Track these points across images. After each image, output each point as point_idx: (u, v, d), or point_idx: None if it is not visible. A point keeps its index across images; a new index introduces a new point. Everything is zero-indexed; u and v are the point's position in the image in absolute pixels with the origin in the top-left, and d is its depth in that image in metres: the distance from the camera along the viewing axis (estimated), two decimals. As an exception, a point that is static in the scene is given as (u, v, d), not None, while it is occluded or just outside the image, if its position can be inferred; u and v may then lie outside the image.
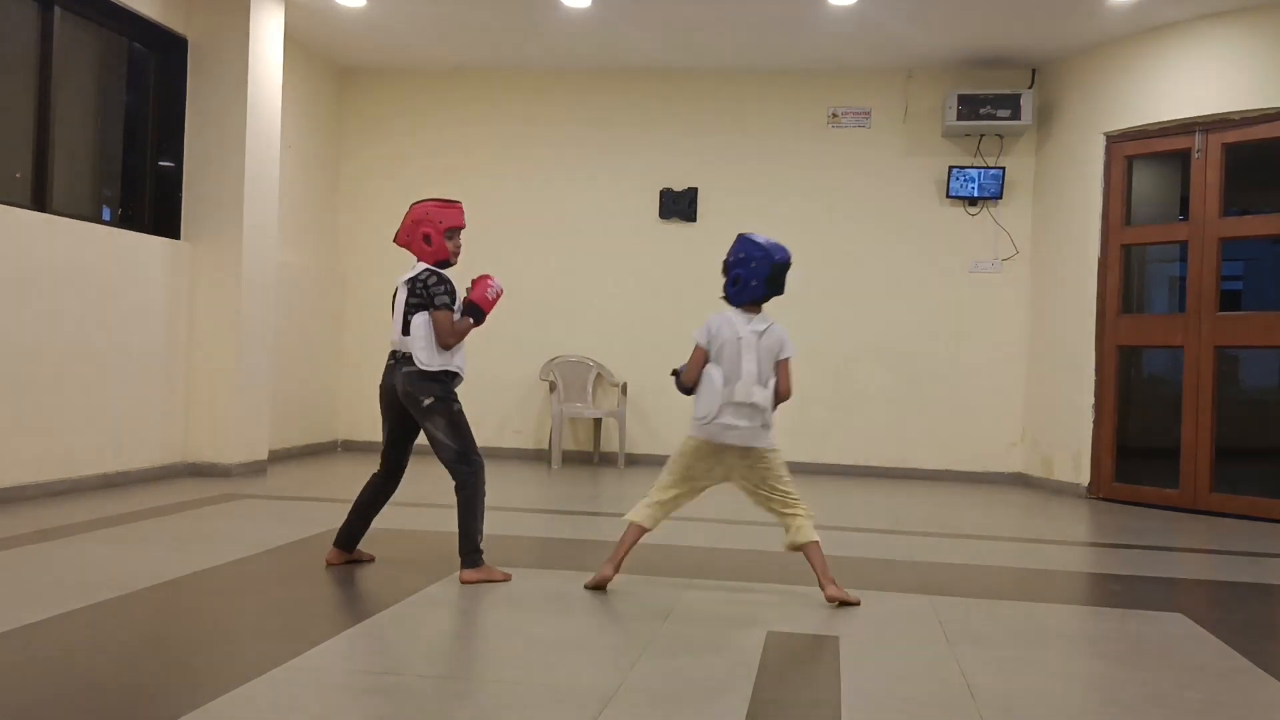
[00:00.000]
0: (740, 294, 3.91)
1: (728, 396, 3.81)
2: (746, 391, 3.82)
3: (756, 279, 3.87)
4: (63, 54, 5.97)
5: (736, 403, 3.82)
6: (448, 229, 4.12)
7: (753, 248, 3.90)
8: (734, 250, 3.95)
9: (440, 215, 4.11)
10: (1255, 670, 3.20)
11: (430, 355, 4.03)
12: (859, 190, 8.39)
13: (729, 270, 3.94)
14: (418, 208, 4.14)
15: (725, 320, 3.90)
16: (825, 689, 2.87)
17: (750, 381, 3.83)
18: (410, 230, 4.12)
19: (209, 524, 5.19)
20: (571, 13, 7.25)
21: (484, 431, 9.07)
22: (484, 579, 3.97)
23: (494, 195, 8.75)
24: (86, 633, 3.19)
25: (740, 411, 3.83)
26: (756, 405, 3.83)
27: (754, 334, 3.87)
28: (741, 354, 3.84)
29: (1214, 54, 6.82)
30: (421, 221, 4.10)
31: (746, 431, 3.85)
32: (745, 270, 3.88)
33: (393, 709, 2.59)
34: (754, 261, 3.87)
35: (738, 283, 3.90)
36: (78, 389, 5.88)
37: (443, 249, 4.12)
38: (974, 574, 4.66)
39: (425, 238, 4.09)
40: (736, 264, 3.91)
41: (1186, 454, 6.87)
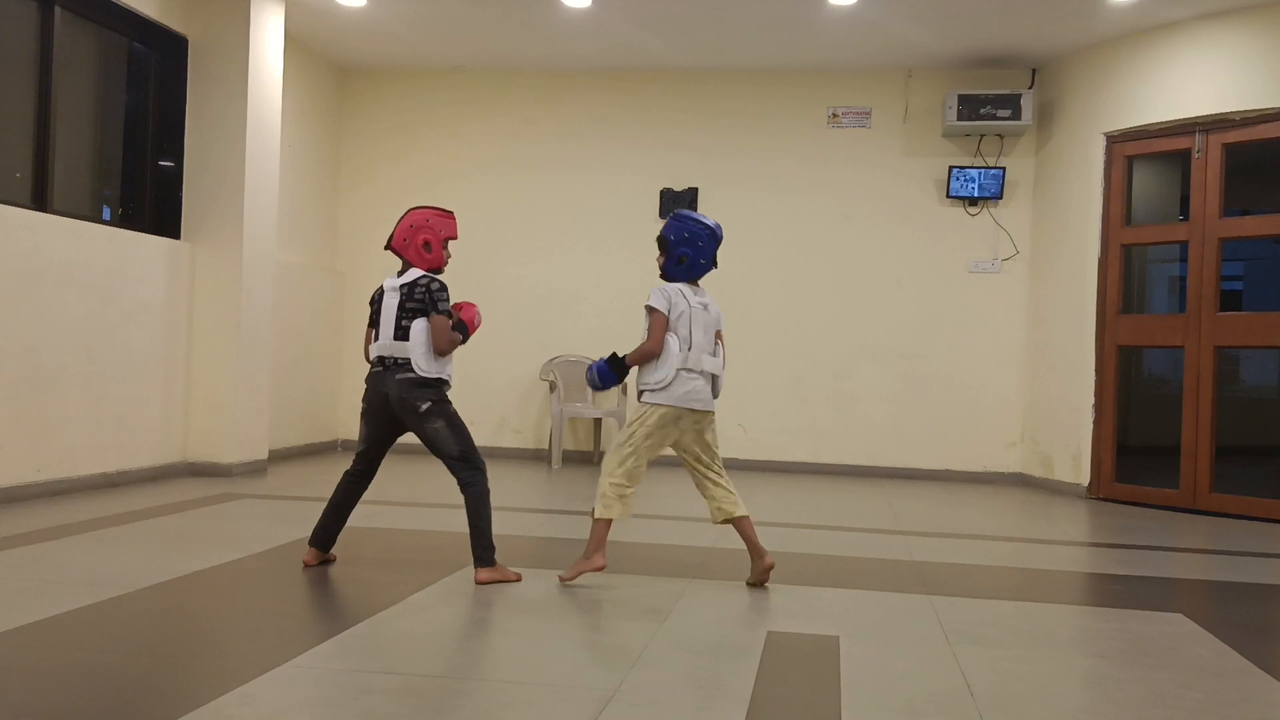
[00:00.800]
0: (688, 271, 4.07)
1: (682, 362, 3.97)
2: (698, 359, 4.00)
3: (705, 257, 4.06)
4: (63, 53, 5.97)
5: (688, 369, 3.98)
6: (446, 238, 4.16)
7: (698, 227, 4.05)
8: (674, 229, 4.07)
9: (440, 224, 4.16)
10: (1255, 670, 3.21)
11: (429, 362, 4.03)
12: (859, 190, 8.39)
13: (672, 249, 4.06)
14: (416, 214, 4.15)
15: (678, 291, 4.03)
16: (825, 689, 2.87)
17: (700, 350, 4.02)
18: (408, 235, 4.11)
19: (209, 524, 5.19)
20: (571, 13, 7.25)
21: (484, 431, 9.12)
22: (498, 579, 3.98)
23: (494, 195, 8.75)
24: (86, 633, 3.19)
25: (697, 377, 4.00)
26: (706, 372, 4.02)
27: (700, 306, 4.05)
28: (693, 324, 4.01)
29: (1214, 54, 6.82)
30: (421, 228, 4.11)
31: (704, 398, 4.02)
32: (693, 249, 4.04)
33: (393, 709, 2.59)
34: (700, 240, 4.04)
35: (683, 261, 4.05)
36: (78, 389, 5.88)
37: (439, 257, 4.15)
38: (974, 574, 4.66)
39: (425, 244, 4.11)
40: (681, 242, 4.04)
41: (1186, 454, 6.87)
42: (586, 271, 8.65)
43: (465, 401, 9.01)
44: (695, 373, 3.99)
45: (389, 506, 5.77)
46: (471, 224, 8.90)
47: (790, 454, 8.40)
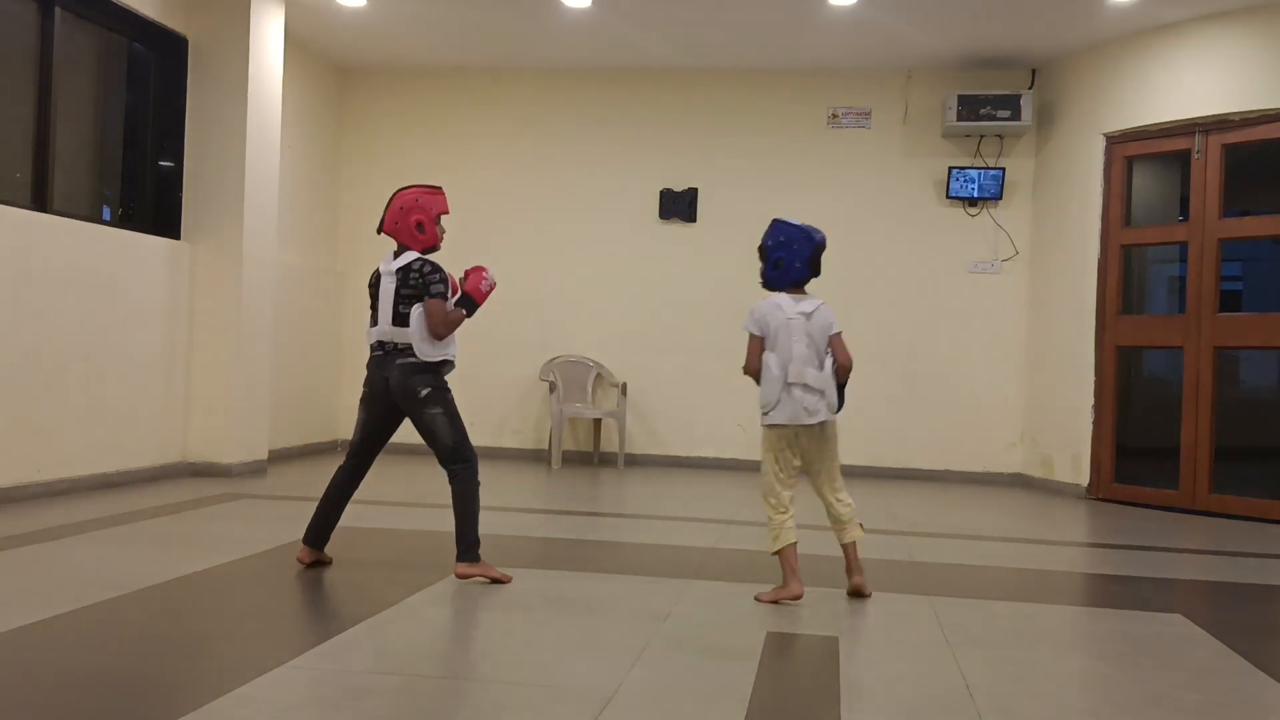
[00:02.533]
0: (783, 277, 3.95)
1: (786, 379, 3.85)
2: (799, 372, 3.85)
3: (800, 260, 3.92)
4: (63, 54, 5.97)
5: (791, 383, 3.85)
6: (438, 215, 4.08)
7: (793, 230, 3.94)
8: (772, 234, 3.97)
9: (430, 202, 4.07)
10: (1255, 671, 3.21)
11: (430, 346, 3.98)
12: (859, 190, 8.39)
13: (769, 254, 3.96)
14: (404, 195, 4.07)
15: (773, 305, 3.91)
16: (825, 689, 2.87)
17: (801, 363, 3.86)
18: (399, 218, 4.04)
19: (209, 524, 5.19)
20: (571, 13, 7.25)
21: (483, 431, 9.11)
22: (480, 574, 3.95)
23: (494, 195, 8.75)
24: (86, 633, 3.19)
25: (804, 390, 3.87)
26: (810, 386, 3.87)
27: (802, 315, 3.90)
28: (791, 336, 3.87)
29: (1214, 54, 6.82)
30: (411, 209, 4.03)
31: (813, 409, 3.87)
32: (787, 253, 3.92)
33: (393, 709, 2.59)
34: (795, 244, 3.92)
35: (779, 266, 3.94)
36: (78, 389, 5.88)
37: (434, 236, 4.08)
38: (974, 574, 4.66)
39: (418, 225, 4.03)
40: (777, 248, 3.94)
41: (1186, 455, 6.87)
42: (587, 272, 8.65)
43: (465, 401, 8.99)
44: (796, 385, 3.85)
45: (387, 507, 5.77)
46: (471, 224, 8.90)
47: (790, 454, 8.38)
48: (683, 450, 8.57)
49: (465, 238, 8.85)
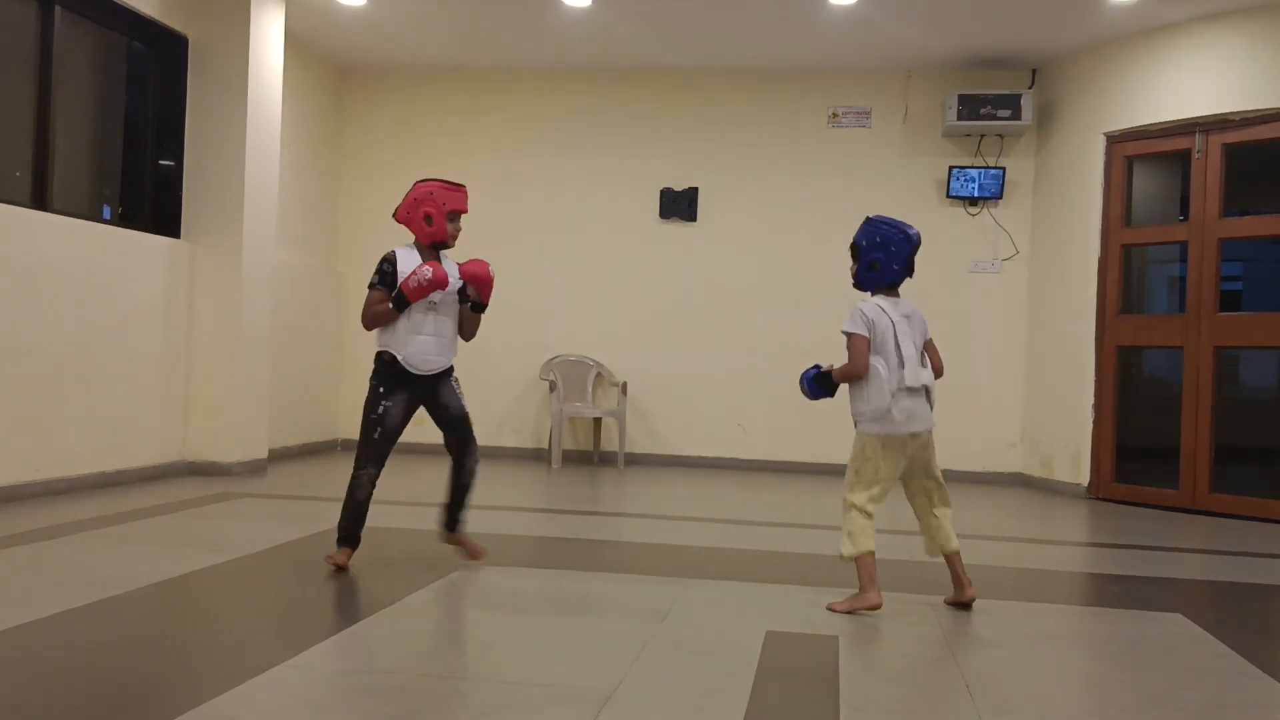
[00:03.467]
0: (880, 278, 3.81)
1: (898, 383, 3.74)
2: (915, 375, 3.77)
3: (898, 262, 3.79)
4: (63, 53, 5.97)
5: (907, 388, 3.75)
6: (450, 211, 4.05)
7: (890, 231, 3.80)
8: (866, 234, 3.83)
9: (444, 196, 4.04)
10: (1255, 671, 3.20)
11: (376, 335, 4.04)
12: (859, 190, 8.38)
13: (864, 255, 3.82)
14: (421, 186, 4.07)
15: (877, 307, 3.79)
16: (825, 689, 2.87)
17: (915, 364, 3.77)
18: (411, 208, 4.05)
19: (208, 523, 5.19)
20: (571, 13, 7.25)
21: (484, 431, 9.03)
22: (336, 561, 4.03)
23: (494, 195, 8.74)
24: (86, 632, 3.18)
25: (915, 395, 3.78)
26: (927, 387, 3.81)
27: (904, 317, 3.80)
28: (900, 338, 3.76)
29: (1214, 54, 6.82)
30: (424, 200, 4.03)
31: (923, 415, 3.81)
32: (885, 254, 3.78)
33: (392, 709, 2.59)
34: (894, 245, 3.78)
35: (875, 267, 3.80)
36: (77, 388, 5.88)
37: (442, 230, 4.06)
38: (974, 574, 4.63)
39: (426, 217, 4.03)
40: (873, 248, 3.80)
41: (1186, 454, 6.87)
42: (587, 271, 8.65)
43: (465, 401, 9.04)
44: (913, 390, 3.77)
45: (387, 506, 5.76)
46: (471, 223, 8.88)
47: (790, 454, 8.39)
48: (683, 450, 8.57)
49: (465, 237, 8.84)
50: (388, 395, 4.02)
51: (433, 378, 4.08)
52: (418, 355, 4.02)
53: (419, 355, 4.02)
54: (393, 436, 4.08)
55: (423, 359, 4.03)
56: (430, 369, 4.06)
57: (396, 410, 4.03)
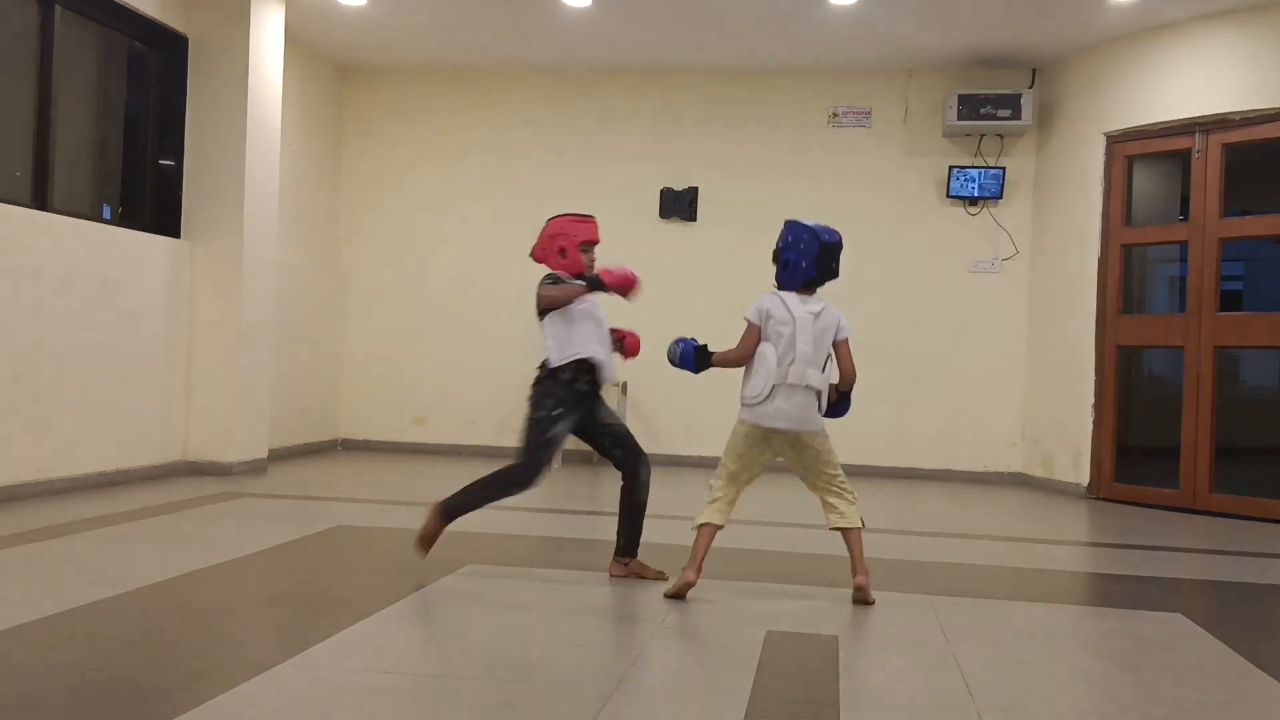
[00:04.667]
0: (791, 277, 3.87)
1: (781, 378, 3.75)
2: (800, 374, 3.76)
3: (806, 260, 3.82)
4: (63, 52, 5.96)
5: (790, 385, 3.76)
6: (582, 243, 4.17)
7: (800, 230, 3.88)
8: (782, 236, 3.94)
9: (575, 230, 4.18)
10: (1255, 670, 3.20)
11: (547, 349, 4.13)
12: (859, 190, 8.38)
13: (779, 256, 3.93)
14: (554, 223, 4.22)
15: (778, 300, 3.85)
16: (825, 689, 2.87)
17: (805, 363, 3.77)
18: (546, 244, 4.19)
19: (209, 523, 5.19)
20: (571, 13, 7.25)
21: (484, 431, 9.12)
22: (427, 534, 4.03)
23: (494, 194, 8.75)
24: (86, 631, 3.19)
25: (792, 394, 3.76)
26: (810, 387, 3.78)
27: (809, 314, 3.82)
28: (797, 335, 3.78)
29: (1214, 54, 6.82)
30: (557, 236, 4.17)
31: (796, 417, 3.78)
32: (795, 253, 3.85)
33: (393, 709, 2.59)
34: (802, 244, 3.84)
35: (787, 266, 3.88)
36: (78, 388, 5.88)
37: (577, 262, 4.17)
38: (974, 574, 4.66)
39: (561, 251, 4.16)
40: (786, 248, 3.90)
41: (1186, 454, 6.87)
42: (586, 271, 8.64)
43: (465, 401, 9.06)
44: (799, 387, 3.75)
45: (389, 506, 5.78)
46: (471, 223, 8.91)
47: (790, 454, 8.38)
48: (683, 450, 8.56)
49: (464, 236, 8.86)
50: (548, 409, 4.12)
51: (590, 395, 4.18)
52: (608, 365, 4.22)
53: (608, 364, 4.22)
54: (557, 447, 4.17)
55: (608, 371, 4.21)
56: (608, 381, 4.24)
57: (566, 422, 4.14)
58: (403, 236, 8.87)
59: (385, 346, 8.84)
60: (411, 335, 8.79)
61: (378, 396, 8.79)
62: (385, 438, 8.72)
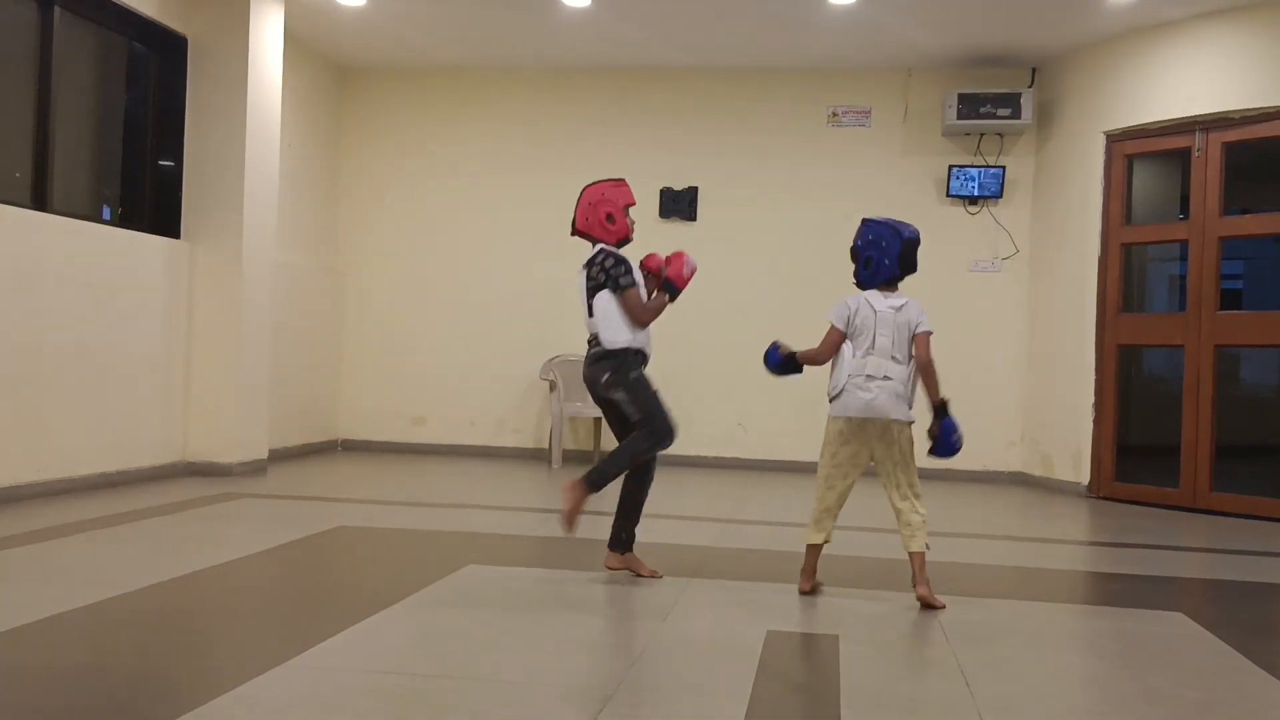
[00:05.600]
0: (874, 275, 3.96)
1: (858, 369, 3.88)
2: (879, 365, 3.88)
3: (889, 258, 3.93)
4: (63, 53, 5.97)
5: (868, 375, 3.88)
6: (625, 205, 4.14)
7: (881, 228, 3.97)
8: (861, 234, 4.00)
9: (616, 194, 4.14)
10: (1255, 670, 3.20)
11: (614, 333, 4.07)
12: (859, 189, 8.38)
13: (859, 254, 3.98)
14: (592, 190, 4.17)
15: (863, 300, 3.95)
16: (825, 688, 2.87)
17: (883, 354, 3.88)
18: (589, 212, 4.13)
19: (209, 524, 5.20)
20: (571, 12, 7.25)
21: (484, 431, 9.13)
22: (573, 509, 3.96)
23: (494, 194, 8.75)
24: (86, 632, 3.19)
25: (870, 383, 3.88)
26: (889, 378, 3.88)
27: (890, 309, 3.92)
28: (876, 328, 3.89)
29: (1214, 53, 6.82)
30: (599, 203, 4.12)
31: (879, 404, 3.87)
32: (876, 252, 3.94)
33: (393, 709, 2.59)
34: (884, 241, 3.93)
35: (869, 265, 3.96)
36: (77, 388, 5.88)
37: (625, 227, 4.16)
38: (974, 573, 4.66)
39: (608, 217, 4.12)
40: (866, 246, 3.97)
41: (1186, 453, 6.87)
42: (586, 271, 8.64)
43: (465, 401, 9.07)
44: (875, 379, 3.86)
45: (388, 506, 5.78)
46: (471, 223, 8.91)
47: (790, 454, 8.39)
48: (682, 449, 8.53)
49: (464, 237, 8.86)
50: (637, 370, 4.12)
51: None
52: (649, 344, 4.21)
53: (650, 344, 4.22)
54: None
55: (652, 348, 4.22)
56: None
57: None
58: (402, 236, 8.87)
59: (385, 347, 8.84)
60: (411, 335, 8.79)
61: (378, 396, 8.79)
62: (385, 438, 8.72)
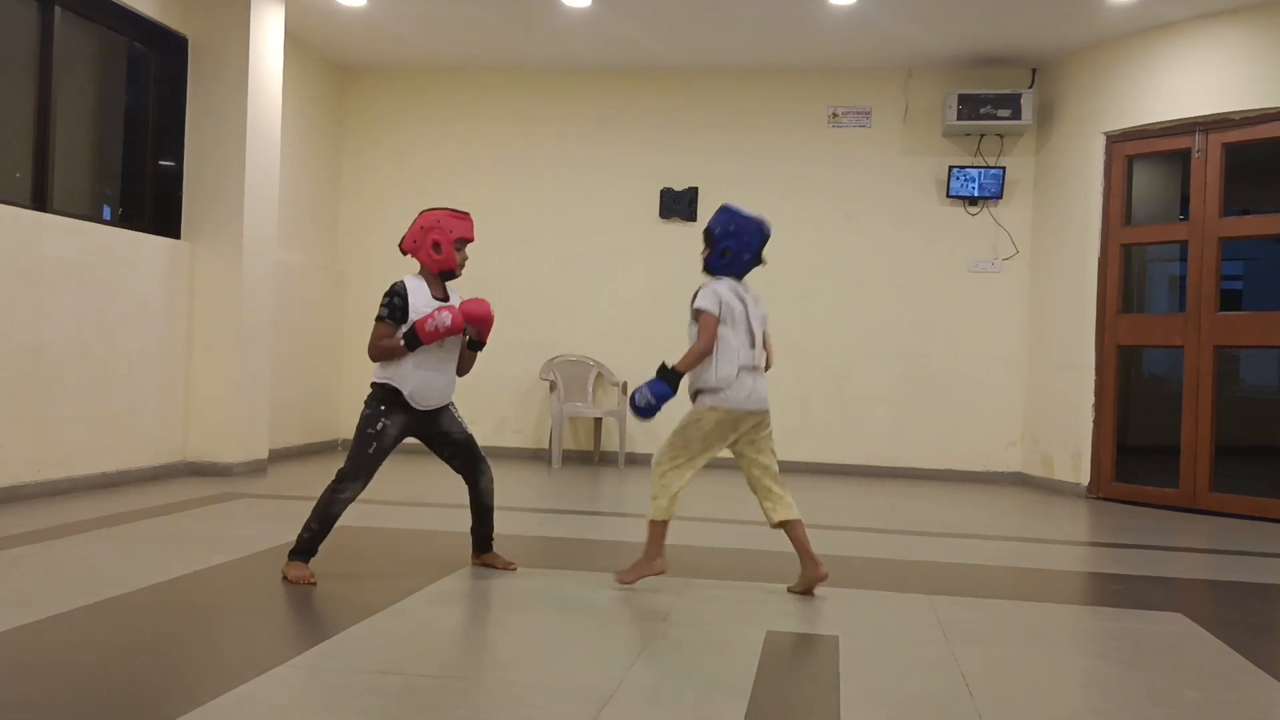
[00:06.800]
0: (731, 265, 3.94)
1: (746, 359, 3.85)
2: (756, 356, 3.90)
3: (749, 252, 3.93)
4: (63, 53, 5.97)
5: (753, 366, 3.87)
6: (458, 239, 4.01)
7: (740, 219, 3.94)
8: (720, 221, 3.96)
9: (452, 225, 3.99)
10: (1254, 670, 3.21)
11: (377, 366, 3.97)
12: (859, 190, 8.39)
13: (716, 241, 3.94)
14: (428, 215, 4.04)
15: (729, 288, 3.91)
16: (825, 689, 2.88)
17: (757, 346, 3.92)
18: (418, 236, 4.01)
19: (208, 524, 5.20)
20: (571, 12, 7.25)
21: (484, 431, 9.08)
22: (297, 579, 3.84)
23: (494, 195, 8.75)
24: (87, 632, 3.19)
25: (755, 374, 3.88)
26: (757, 366, 3.91)
27: (753, 300, 3.97)
28: (750, 320, 3.91)
29: (1214, 53, 6.82)
30: (432, 229, 3.99)
31: (761, 390, 3.89)
32: (735, 242, 3.92)
33: (393, 709, 2.59)
34: (746, 235, 3.92)
35: (727, 255, 3.93)
36: (77, 388, 5.88)
37: (451, 259, 4.01)
38: (974, 574, 4.66)
39: (435, 245, 3.98)
40: (725, 236, 3.93)
41: (1186, 453, 6.87)
42: (586, 271, 8.65)
43: (465, 401, 9.02)
44: (754, 370, 3.87)
45: (388, 506, 5.77)
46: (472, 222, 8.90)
47: (790, 454, 8.33)
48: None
49: (465, 237, 8.86)
50: (388, 415, 3.94)
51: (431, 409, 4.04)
52: (422, 391, 3.95)
53: (423, 391, 3.96)
54: (385, 455, 3.98)
55: (426, 395, 3.97)
56: (434, 404, 4.01)
57: (394, 430, 3.95)
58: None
59: (385, 346, 8.83)
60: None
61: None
62: (385, 438, 8.70)
